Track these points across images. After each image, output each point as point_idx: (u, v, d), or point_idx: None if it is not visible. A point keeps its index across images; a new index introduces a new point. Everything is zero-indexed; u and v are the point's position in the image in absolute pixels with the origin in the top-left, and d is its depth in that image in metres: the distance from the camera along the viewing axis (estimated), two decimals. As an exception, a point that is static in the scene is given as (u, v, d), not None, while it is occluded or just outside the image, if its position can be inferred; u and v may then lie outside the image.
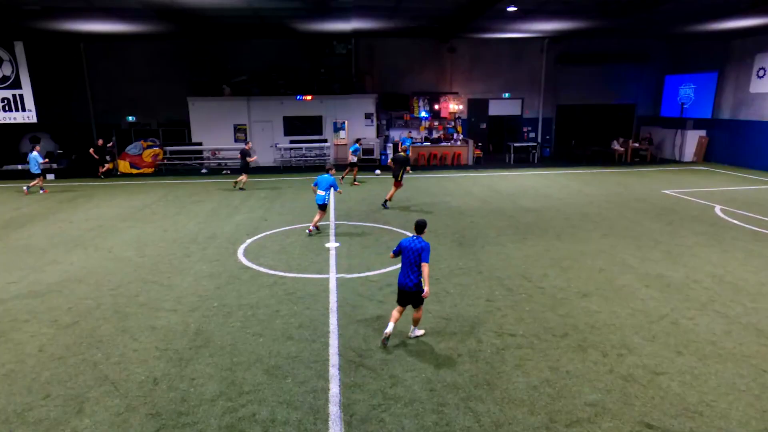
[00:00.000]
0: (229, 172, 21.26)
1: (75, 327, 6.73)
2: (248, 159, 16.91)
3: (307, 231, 11.17)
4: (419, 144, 22.89)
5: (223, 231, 11.55)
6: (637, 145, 24.38)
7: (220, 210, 13.80)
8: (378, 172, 19.87)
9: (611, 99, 26.14)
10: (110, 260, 9.52)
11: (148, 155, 21.22)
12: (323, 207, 11.11)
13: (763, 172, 19.74)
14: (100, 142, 19.97)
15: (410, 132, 22.99)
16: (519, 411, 4.84)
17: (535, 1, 14.85)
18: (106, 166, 19.87)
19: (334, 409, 4.89)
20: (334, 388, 5.24)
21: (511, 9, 15.16)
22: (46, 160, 18.37)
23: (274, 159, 22.92)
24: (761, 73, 20.49)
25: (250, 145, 18.15)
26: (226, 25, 18.18)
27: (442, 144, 23.44)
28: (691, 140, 23.42)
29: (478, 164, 22.83)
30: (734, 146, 21.83)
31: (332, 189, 11.11)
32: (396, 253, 6.25)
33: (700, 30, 19.78)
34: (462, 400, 5.02)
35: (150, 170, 21.21)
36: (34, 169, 16.72)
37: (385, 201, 14.08)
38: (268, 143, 22.83)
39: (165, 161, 21.74)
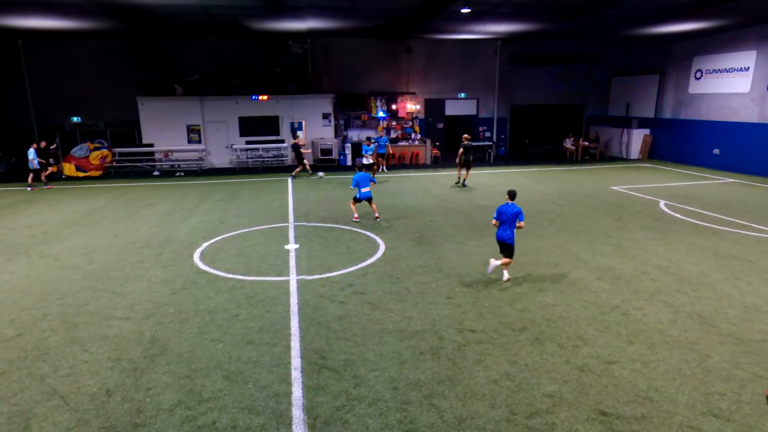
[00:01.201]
0: (183, 174, 20.66)
1: (19, 339, 6.37)
2: (302, 151, 19.25)
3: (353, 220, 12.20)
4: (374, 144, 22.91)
5: (177, 235, 11.21)
6: (587, 143, 25.32)
7: (174, 213, 13.39)
8: (321, 174, 19.65)
9: (562, 99, 27.05)
10: (56, 268, 9.06)
11: (95, 157, 20.33)
12: (370, 199, 12.22)
13: (702, 168, 20.90)
14: (43, 144, 18.96)
15: (383, 131, 22.96)
16: (481, 405, 4.94)
17: (488, 3, 15.19)
18: (50, 169, 18.89)
19: (297, 413, 4.84)
20: (297, 391, 5.18)
21: (464, 10, 15.42)
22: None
23: (230, 160, 22.45)
24: (699, 74, 21.70)
25: (300, 139, 20.78)
26: (176, 22, 17.64)
27: (401, 144, 23.60)
28: (637, 139, 24.53)
29: (436, 163, 23.12)
30: (675, 144, 23.02)
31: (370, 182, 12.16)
32: (497, 218, 8.18)
33: (642, 33, 20.76)
34: (425, 397, 5.07)
35: (98, 173, 20.33)
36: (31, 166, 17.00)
37: (463, 181, 17.24)
38: (224, 144, 22.34)
39: (114, 163, 20.90)
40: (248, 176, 20.02)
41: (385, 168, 20.92)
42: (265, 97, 22.14)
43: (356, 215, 12.27)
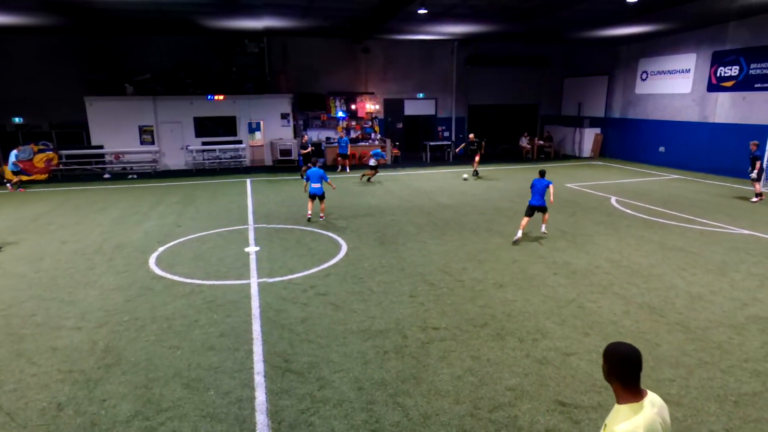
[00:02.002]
0: (136, 176, 19.93)
1: (-42, 355, 5.98)
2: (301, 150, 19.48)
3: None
4: (335, 144, 22.84)
5: (131, 240, 10.81)
6: (542, 142, 26.06)
7: (127, 217, 12.90)
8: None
9: (517, 99, 27.75)
10: (-1, 278, 8.57)
11: (40, 160, 19.34)
12: (322, 197, 12.18)
13: (649, 165, 21.89)
14: None
15: (342, 131, 22.80)
16: (445, 401, 5.00)
17: (444, 4, 15.40)
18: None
19: (261, 418, 4.76)
20: (261, 396, 5.10)
21: (421, 11, 15.58)
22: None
23: (186, 162, 21.84)
24: (644, 76, 22.71)
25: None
26: (124, 19, 16.98)
27: (361, 144, 23.59)
28: (588, 137, 25.44)
29: (397, 163, 23.25)
30: (624, 142, 24.01)
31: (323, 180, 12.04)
32: (532, 188, 10.52)
33: (592, 36, 21.54)
34: (390, 396, 5.09)
35: (43, 177, 19.35)
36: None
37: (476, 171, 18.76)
38: (179, 145, 21.71)
39: (61, 166, 19.94)
40: (205, 178, 19.54)
41: (347, 168, 20.87)
42: (221, 97, 21.67)
43: (309, 212, 12.23)
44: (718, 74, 19.23)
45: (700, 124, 20.14)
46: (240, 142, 22.16)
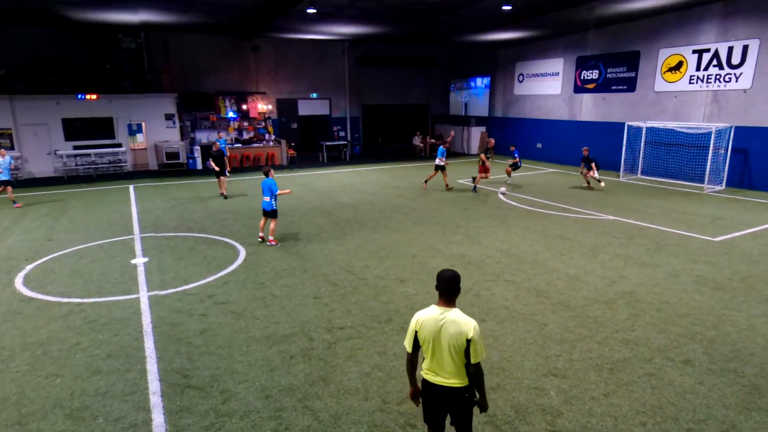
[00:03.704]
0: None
1: None
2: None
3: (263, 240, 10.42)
4: (230, 145, 21.92)
5: (-10, 259, 9.48)
6: (433, 141, 27.17)
7: (-16, 233, 11.30)
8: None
9: (408, 99, 28.71)
10: None
11: None
12: (269, 214, 10.20)
13: (530, 160, 23.73)
14: None
15: (221, 132, 21.65)
16: (354, 399, 5.03)
17: (333, 4, 15.45)
18: None
19: (160, 441, 4.43)
20: (158, 418, 4.75)
21: (310, 11, 15.48)
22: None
23: (55, 168, 19.62)
24: (521, 78, 24.64)
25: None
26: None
27: (255, 145, 22.88)
28: (475, 135, 27.02)
29: (293, 164, 22.89)
30: (507, 139, 25.79)
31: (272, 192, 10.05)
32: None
33: (473, 40, 22.92)
34: (299, 401, 5.00)
35: None
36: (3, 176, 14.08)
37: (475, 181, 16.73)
38: (45, 150, 19.44)
39: None
40: (80, 186, 17.71)
41: (227, 172, 19.92)
42: (93, 97, 19.74)
43: (265, 236, 10.40)
44: (582, 77, 21.44)
45: (569, 122, 22.32)
46: (119, 145, 20.38)
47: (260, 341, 6.24)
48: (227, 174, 15.69)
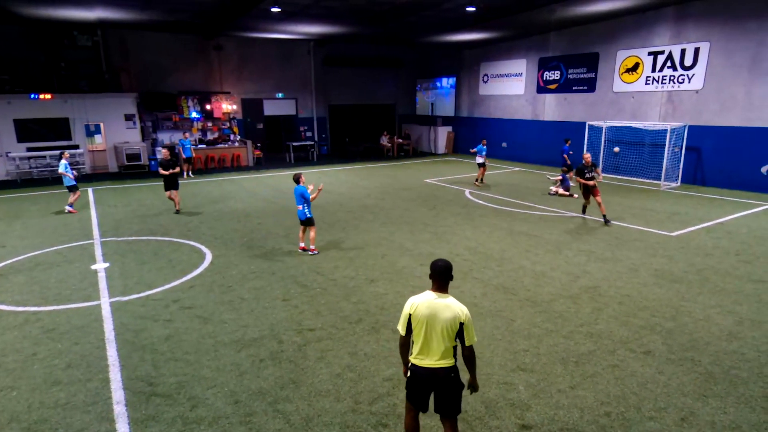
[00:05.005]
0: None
1: None
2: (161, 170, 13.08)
3: None
4: (194, 146, 21.44)
5: (-63, 267, 8.98)
6: (401, 140, 27.30)
7: (-70, 241, 10.69)
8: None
9: (375, 99, 28.72)
10: None
11: None
12: (306, 222, 9.55)
13: (496, 159, 24.09)
14: None
15: (186, 133, 21.14)
16: (326, 401, 5.00)
17: (297, 4, 15.31)
18: None
19: (125, 452, 4.30)
20: (123, 428, 4.60)
21: (274, 9, 15.30)
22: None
23: (7, 171, 18.73)
24: (486, 78, 25.01)
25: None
26: None
27: (220, 146, 22.44)
28: (442, 135, 27.28)
29: (260, 165, 22.57)
30: (473, 139, 26.13)
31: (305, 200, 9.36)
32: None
33: (439, 40, 23.14)
34: (269, 405, 4.94)
35: None
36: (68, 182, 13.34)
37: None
38: (-5, 152, 18.55)
39: None
40: (34, 189, 16.97)
41: (191, 173, 19.55)
42: (48, 96, 18.95)
43: (306, 246, 9.76)
44: (544, 78, 21.93)
45: (532, 122, 22.80)
46: (76, 146, 19.63)
47: (229, 345, 6.12)
48: (179, 184, 13.63)
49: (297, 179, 9.46)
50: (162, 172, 13.05)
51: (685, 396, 5.05)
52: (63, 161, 13.36)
